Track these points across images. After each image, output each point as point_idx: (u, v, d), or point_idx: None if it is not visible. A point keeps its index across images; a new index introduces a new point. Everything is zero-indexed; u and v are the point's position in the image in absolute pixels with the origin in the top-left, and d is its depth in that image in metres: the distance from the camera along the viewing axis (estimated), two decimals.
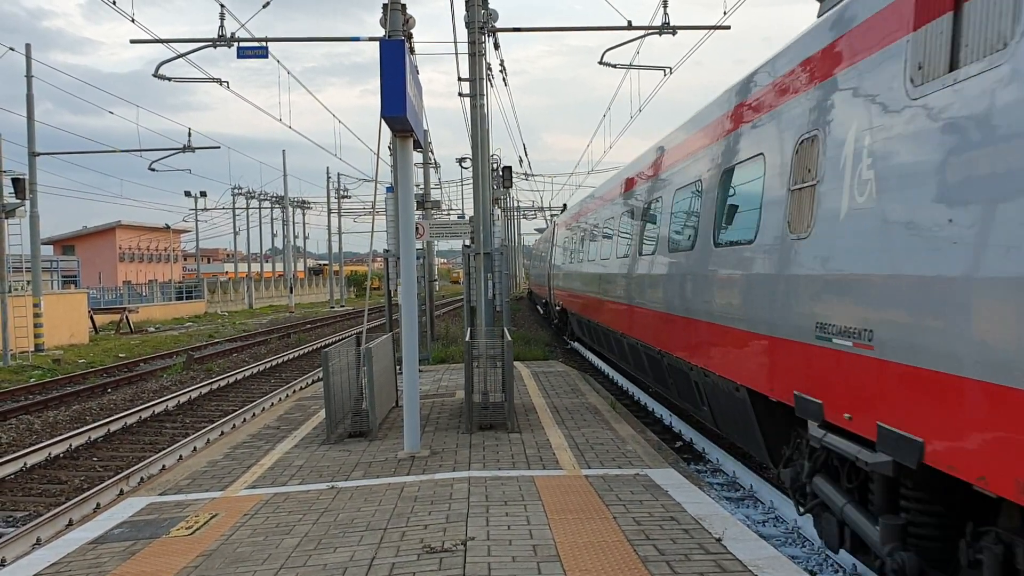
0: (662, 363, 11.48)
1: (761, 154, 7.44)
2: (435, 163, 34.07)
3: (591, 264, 18.45)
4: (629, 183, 14.80)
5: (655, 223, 11.87)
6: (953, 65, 4.46)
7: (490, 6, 18.19)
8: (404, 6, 16.33)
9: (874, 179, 5.20)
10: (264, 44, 18.74)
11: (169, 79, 19.76)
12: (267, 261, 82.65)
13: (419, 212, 23.38)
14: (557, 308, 29.05)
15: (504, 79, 24.01)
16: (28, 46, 27.87)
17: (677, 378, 10.77)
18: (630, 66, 20.29)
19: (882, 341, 5.00)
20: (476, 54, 17.98)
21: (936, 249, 4.46)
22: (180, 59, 19.41)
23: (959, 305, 4.24)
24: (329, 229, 70.42)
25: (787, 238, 6.58)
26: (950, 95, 4.46)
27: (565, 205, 44.51)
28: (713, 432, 11.68)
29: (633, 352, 13.87)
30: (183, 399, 17.38)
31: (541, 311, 42.77)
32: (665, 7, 18.39)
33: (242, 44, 18.65)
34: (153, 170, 36.61)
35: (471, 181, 19.64)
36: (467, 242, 19.76)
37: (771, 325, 6.80)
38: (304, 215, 74.31)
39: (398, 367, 12.73)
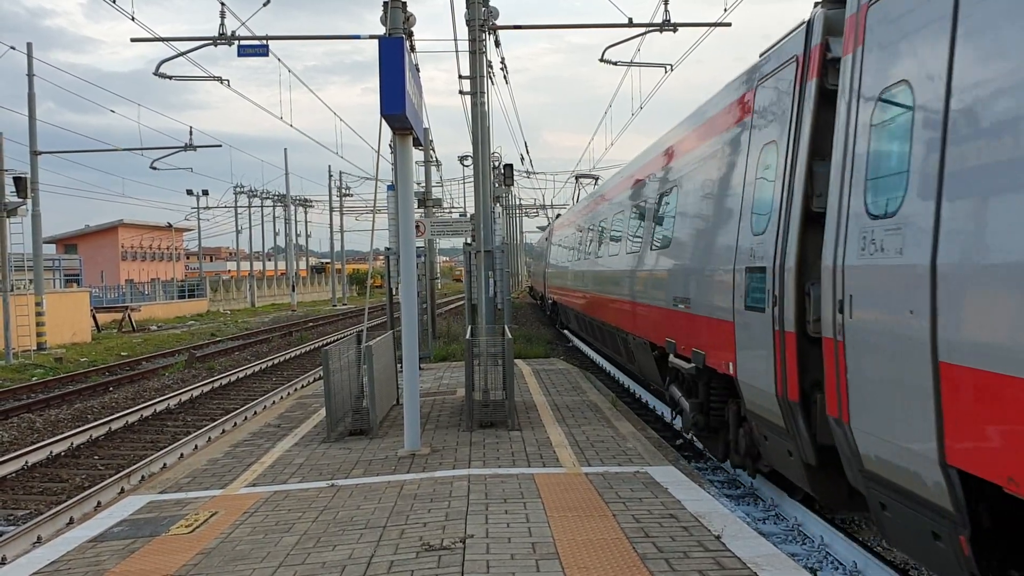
0: None
1: None
2: (436, 161, 34.00)
3: None
4: None
5: None
6: None
7: (491, 4, 18.18)
8: (405, 4, 16.27)
9: None
10: (265, 42, 18.74)
11: (170, 77, 19.77)
12: (269, 259, 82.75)
13: (420, 210, 23.39)
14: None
15: (505, 77, 24.03)
16: (29, 45, 27.89)
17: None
18: (631, 63, 20.27)
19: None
20: (477, 52, 17.96)
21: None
22: (181, 57, 19.42)
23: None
24: (331, 227, 70.47)
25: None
26: None
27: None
28: None
29: None
30: (184, 397, 17.39)
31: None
32: (666, 4, 18.38)
33: (243, 42, 18.65)
34: (155, 169, 36.65)
35: (472, 179, 19.64)
36: (468, 240, 19.75)
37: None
38: (306, 213, 74.34)
39: (399, 365, 12.73)
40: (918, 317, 4.60)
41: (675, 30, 18.58)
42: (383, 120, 8.73)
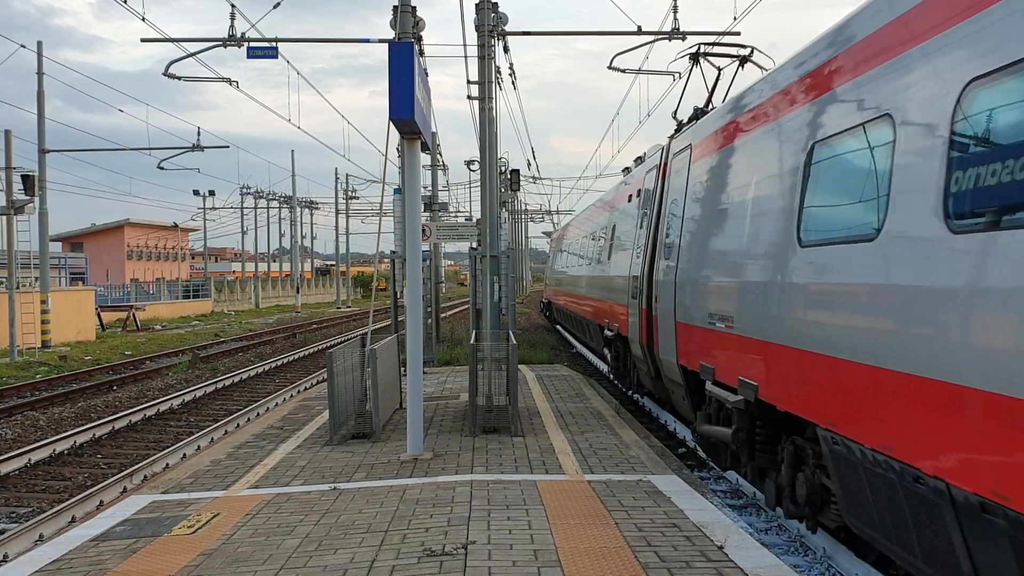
0: None
1: None
2: (443, 165, 34.04)
3: None
4: None
5: None
6: None
7: (500, 9, 18.22)
8: (414, 8, 16.35)
9: None
10: (274, 45, 18.79)
11: (179, 78, 19.83)
12: (274, 261, 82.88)
13: (426, 214, 23.41)
14: None
15: (513, 82, 24.04)
16: (39, 43, 28.02)
17: None
18: (639, 71, 20.28)
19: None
20: (485, 57, 17.99)
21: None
22: (190, 58, 19.48)
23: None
24: (336, 230, 70.58)
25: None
26: None
27: None
28: None
29: None
30: (188, 398, 17.41)
31: None
32: (675, 13, 18.41)
33: (252, 44, 18.71)
34: (162, 168, 36.83)
35: (479, 183, 19.66)
36: (474, 244, 19.75)
37: None
38: (312, 215, 74.65)
39: (402, 369, 12.73)
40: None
41: (684, 38, 18.61)
42: (391, 124, 8.74)
